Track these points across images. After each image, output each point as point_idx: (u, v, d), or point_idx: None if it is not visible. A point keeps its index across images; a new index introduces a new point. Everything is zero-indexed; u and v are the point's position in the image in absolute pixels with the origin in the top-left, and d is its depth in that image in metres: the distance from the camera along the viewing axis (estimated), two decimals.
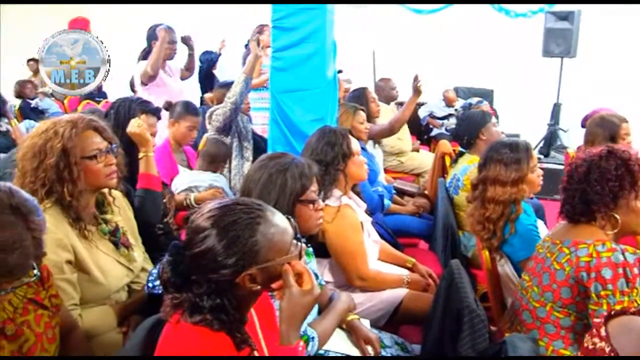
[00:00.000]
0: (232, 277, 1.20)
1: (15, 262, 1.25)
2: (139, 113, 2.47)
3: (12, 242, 1.24)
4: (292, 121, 3.00)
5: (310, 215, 1.86)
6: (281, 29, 2.96)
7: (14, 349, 1.42)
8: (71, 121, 1.84)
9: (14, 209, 1.27)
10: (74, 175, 1.78)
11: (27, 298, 1.50)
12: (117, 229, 1.99)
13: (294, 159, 1.87)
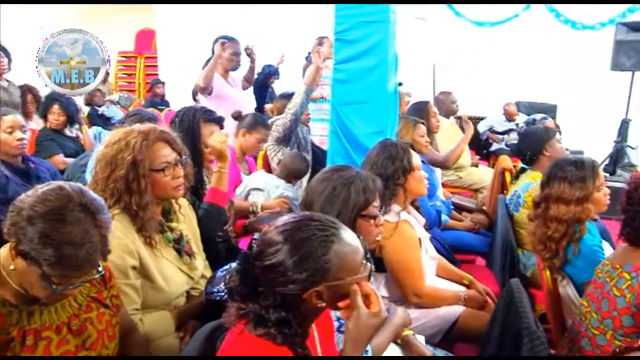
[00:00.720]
0: (299, 293, 1.19)
1: (84, 257, 1.29)
2: (202, 122, 2.51)
3: (81, 238, 1.29)
4: (352, 133, 3.01)
5: (370, 231, 1.85)
6: (344, 41, 2.98)
7: (78, 343, 1.48)
8: (143, 132, 1.86)
9: (84, 207, 1.32)
10: (141, 187, 1.81)
11: (91, 296, 1.57)
12: (181, 237, 2.01)
13: (358, 173, 1.87)
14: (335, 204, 1.80)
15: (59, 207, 1.29)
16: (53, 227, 1.27)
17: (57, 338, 1.44)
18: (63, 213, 1.29)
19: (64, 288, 1.34)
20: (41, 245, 1.26)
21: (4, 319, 1.36)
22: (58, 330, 1.45)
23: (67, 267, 1.29)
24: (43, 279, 1.31)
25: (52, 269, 1.29)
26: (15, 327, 1.38)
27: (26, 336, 1.39)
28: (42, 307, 1.44)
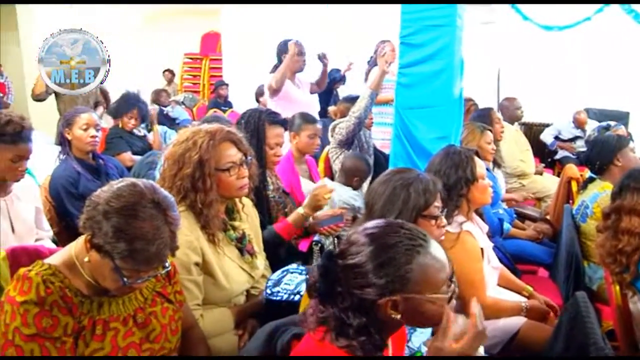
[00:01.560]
0: (375, 298, 1.18)
1: (154, 252, 1.34)
2: (267, 124, 2.55)
3: (153, 234, 1.33)
4: (415, 138, 2.99)
5: (431, 231, 1.83)
6: (409, 45, 2.97)
7: (142, 335, 1.52)
8: (210, 132, 1.91)
9: (155, 204, 1.36)
10: (207, 186, 1.85)
11: (156, 291, 1.61)
12: (243, 236, 2.05)
13: (419, 175, 1.87)
14: (395, 204, 1.80)
15: (132, 203, 1.34)
16: (127, 222, 1.32)
17: (123, 329, 1.49)
18: (136, 209, 1.34)
19: (134, 281, 1.39)
20: (115, 239, 1.32)
21: (76, 308, 1.41)
22: (124, 322, 1.50)
23: (138, 261, 1.35)
24: (115, 272, 1.36)
25: (123, 263, 1.34)
26: (87, 316, 1.43)
27: (96, 325, 1.44)
28: (111, 298, 1.49)
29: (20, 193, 2.54)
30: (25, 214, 2.55)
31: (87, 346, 1.42)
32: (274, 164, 2.60)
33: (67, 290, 1.40)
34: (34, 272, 1.39)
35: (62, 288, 1.39)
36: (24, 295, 1.34)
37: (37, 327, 1.33)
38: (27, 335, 1.32)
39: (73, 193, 2.93)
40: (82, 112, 3.09)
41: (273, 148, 2.55)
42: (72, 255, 1.46)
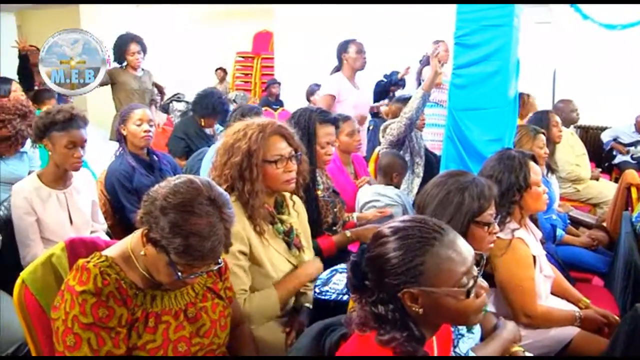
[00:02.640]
0: (393, 290, 1.19)
1: (209, 248, 1.35)
2: (318, 123, 2.56)
3: (208, 230, 1.34)
4: (468, 140, 2.94)
5: (483, 238, 1.80)
6: (464, 45, 2.92)
7: (192, 330, 1.55)
8: (261, 125, 1.96)
9: (211, 201, 1.38)
10: (253, 176, 1.89)
11: (207, 287, 1.63)
12: (291, 230, 2.07)
13: (474, 179, 1.83)
14: (448, 208, 1.77)
15: (189, 199, 1.36)
16: (183, 218, 1.34)
17: (174, 323, 1.52)
18: (193, 205, 1.35)
19: (187, 276, 1.41)
20: (171, 235, 1.33)
21: (131, 300, 1.44)
22: (176, 316, 1.52)
23: (193, 257, 1.36)
24: (169, 266, 1.38)
25: (178, 258, 1.36)
26: (140, 308, 1.46)
27: (148, 318, 1.47)
28: (164, 292, 1.52)
29: (79, 186, 2.64)
30: (82, 206, 2.64)
31: (139, 337, 1.45)
32: (325, 163, 2.60)
33: (123, 283, 1.44)
34: (92, 263, 1.43)
35: (117, 280, 1.42)
36: (82, 285, 1.38)
37: (94, 316, 1.36)
38: (85, 324, 1.36)
39: (127, 187, 3.01)
40: (136, 109, 3.18)
41: (324, 147, 2.55)
42: (128, 249, 1.50)
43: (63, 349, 1.38)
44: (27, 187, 2.49)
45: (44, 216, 2.48)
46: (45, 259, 1.85)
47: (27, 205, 2.44)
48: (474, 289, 1.20)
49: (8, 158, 3.10)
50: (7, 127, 2.93)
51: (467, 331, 1.79)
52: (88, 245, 2.00)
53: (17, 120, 2.95)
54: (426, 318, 1.22)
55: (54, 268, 1.86)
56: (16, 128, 2.95)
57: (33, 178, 2.53)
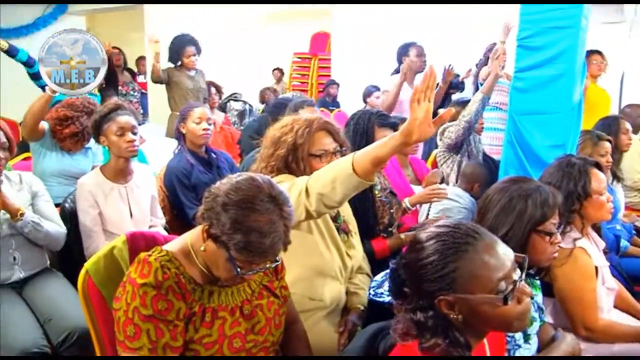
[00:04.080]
0: (430, 297, 1.17)
1: (269, 245, 1.36)
2: (377, 126, 2.55)
3: (268, 227, 1.35)
4: (529, 145, 2.86)
5: (544, 248, 1.74)
6: (527, 48, 2.84)
7: (247, 327, 1.56)
8: (308, 120, 2.01)
9: (272, 198, 1.39)
10: (300, 168, 1.96)
11: (263, 284, 1.65)
12: (338, 215, 2.13)
13: (539, 187, 1.77)
14: (509, 215, 1.72)
15: (250, 196, 1.38)
16: (244, 214, 1.36)
17: (230, 319, 1.54)
18: (254, 202, 1.37)
19: (246, 272, 1.43)
20: (232, 231, 1.35)
21: (189, 294, 1.47)
22: (232, 312, 1.54)
23: (253, 253, 1.38)
24: (229, 262, 1.40)
25: (238, 254, 1.38)
26: (198, 303, 1.49)
27: (205, 313, 1.50)
28: (221, 288, 1.54)
29: (139, 181, 2.73)
30: (142, 201, 2.73)
31: (196, 331, 1.48)
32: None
33: (182, 277, 1.47)
34: (154, 257, 1.47)
35: (177, 275, 1.46)
36: (143, 278, 1.42)
37: (154, 308, 1.40)
38: (145, 316, 1.39)
39: (185, 184, 3.09)
40: (196, 107, 3.27)
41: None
42: (188, 244, 1.52)
43: (123, 338, 1.42)
44: (90, 181, 2.59)
45: (106, 209, 2.58)
46: (108, 251, 1.91)
47: (91, 199, 2.54)
48: (512, 294, 1.15)
49: (75, 153, 3.24)
50: (75, 123, 3.08)
51: (524, 341, 1.74)
52: (148, 239, 2.06)
53: (84, 117, 3.08)
54: (467, 325, 1.19)
55: (115, 260, 1.93)
56: (83, 125, 3.08)
57: (96, 172, 2.64)
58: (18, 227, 2.24)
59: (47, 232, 2.30)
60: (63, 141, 3.13)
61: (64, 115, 3.06)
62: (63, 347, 2.13)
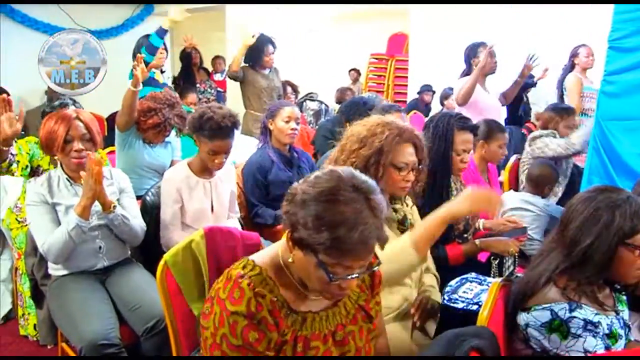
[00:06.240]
0: None
1: (358, 239, 1.21)
2: (456, 130, 2.49)
3: (354, 218, 1.22)
4: (616, 152, 2.72)
5: (632, 262, 1.63)
6: (619, 49, 2.71)
7: (337, 354, 1.45)
8: (400, 128, 1.95)
9: (355, 188, 1.26)
10: (378, 173, 1.90)
11: (359, 304, 1.52)
12: (405, 218, 2.07)
13: (629, 197, 1.66)
14: (594, 226, 1.62)
15: (330, 188, 1.26)
16: (326, 208, 1.23)
17: (323, 348, 1.42)
18: (335, 193, 1.24)
19: (341, 277, 1.28)
20: (315, 229, 1.22)
21: (282, 322, 1.36)
22: (325, 340, 1.43)
23: (341, 251, 1.23)
24: (319, 268, 1.26)
25: (327, 256, 1.24)
26: (290, 329, 1.37)
27: (297, 342, 1.38)
28: (315, 314, 1.43)
29: (222, 176, 2.79)
30: (224, 196, 2.79)
31: None
32: (460, 170, 2.54)
33: (276, 302, 1.35)
34: (246, 280, 1.34)
35: (271, 302, 1.34)
36: (235, 305, 1.31)
37: (244, 339, 1.30)
38: (234, 345, 1.30)
39: (258, 180, 3.15)
40: (286, 105, 3.32)
41: (460, 154, 2.49)
42: (279, 256, 1.42)
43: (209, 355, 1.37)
44: (177, 176, 2.67)
45: (189, 204, 2.65)
46: (186, 244, 1.98)
47: (176, 193, 2.62)
48: None
49: (155, 145, 3.34)
50: (158, 115, 3.17)
51: None
52: (225, 234, 2.11)
53: (166, 109, 3.18)
54: None
55: (193, 253, 1.99)
56: (165, 116, 3.18)
57: (184, 166, 2.72)
58: (108, 220, 2.35)
59: (132, 226, 2.40)
60: (146, 132, 3.23)
61: (147, 107, 3.16)
62: (150, 334, 2.20)
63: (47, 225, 2.27)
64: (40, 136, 2.34)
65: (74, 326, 2.16)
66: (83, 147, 2.32)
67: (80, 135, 2.33)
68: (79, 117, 2.35)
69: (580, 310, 1.56)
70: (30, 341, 3.03)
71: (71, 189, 2.36)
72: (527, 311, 1.63)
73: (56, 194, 2.33)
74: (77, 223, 2.21)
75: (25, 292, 2.95)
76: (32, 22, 7.04)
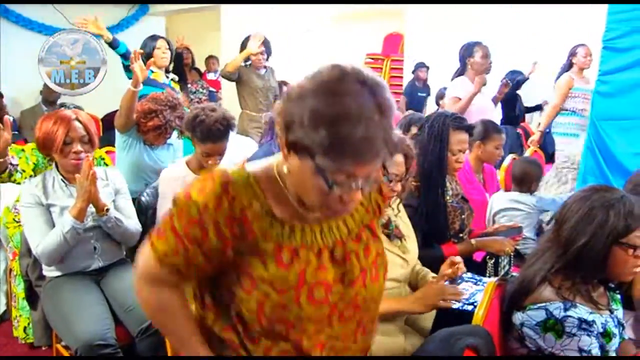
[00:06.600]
0: None
1: (362, 136, 1.03)
2: (452, 129, 2.49)
3: (357, 110, 1.04)
4: (611, 152, 2.74)
5: (626, 262, 1.64)
6: (613, 49, 2.72)
7: (336, 275, 1.23)
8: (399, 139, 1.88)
9: (362, 82, 1.08)
10: None
11: (364, 224, 1.32)
12: (389, 222, 2.05)
13: (623, 196, 1.67)
14: (589, 226, 1.62)
15: (331, 80, 1.08)
16: (325, 101, 1.05)
17: (315, 262, 1.20)
18: (336, 85, 1.07)
19: (342, 186, 1.09)
20: (312, 127, 1.04)
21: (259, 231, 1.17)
22: (319, 254, 1.21)
23: (342, 150, 1.04)
24: (317, 175, 1.08)
25: (325, 158, 1.05)
26: (274, 241, 1.18)
27: (282, 250, 1.18)
28: (306, 225, 1.21)
29: None
30: None
31: (266, 269, 1.17)
32: (455, 170, 2.54)
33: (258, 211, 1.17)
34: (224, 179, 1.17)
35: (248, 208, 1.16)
36: (199, 194, 1.17)
37: (184, 230, 1.16)
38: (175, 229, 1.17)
39: None
40: None
41: (455, 154, 2.49)
42: (274, 166, 1.23)
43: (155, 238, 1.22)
44: (176, 174, 2.67)
45: None
46: None
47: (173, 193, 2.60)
48: None
49: (156, 148, 3.29)
50: (159, 116, 3.10)
51: None
52: None
53: (168, 111, 3.11)
54: None
55: None
56: (166, 118, 3.11)
57: (182, 165, 2.71)
58: (102, 222, 2.34)
59: (126, 228, 2.39)
60: (146, 134, 3.18)
61: (148, 108, 3.10)
62: (144, 335, 2.20)
63: (41, 228, 2.26)
64: (37, 136, 2.33)
65: (69, 327, 2.16)
66: (82, 148, 2.32)
67: (80, 137, 2.32)
68: (78, 119, 2.34)
69: (574, 310, 1.57)
70: None
71: (66, 189, 2.35)
72: (522, 310, 1.64)
73: (51, 195, 2.33)
74: (72, 225, 2.20)
75: (18, 293, 2.94)
76: (27, 22, 7.02)
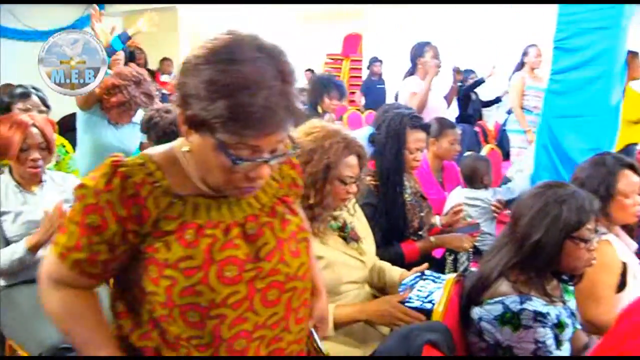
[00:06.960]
0: None
1: (262, 106, 0.97)
2: (409, 128, 2.50)
3: (256, 80, 0.98)
4: (563, 148, 2.81)
5: (579, 255, 1.69)
6: (564, 49, 2.79)
7: (249, 251, 1.12)
8: (347, 140, 1.86)
9: (260, 48, 1.02)
10: (325, 189, 1.82)
11: (278, 197, 1.23)
12: (345, 225, 2.01)
13: (575, 192, 1.72)
14: (543, 221, 1.66)
15: (227, 47, 1.01)
16: (221, 70, 0.98)
17: (223, 239, 1.10)
18: (234, 52, 1.00)
19: (247, 160, 1.03)
20: (209, 99, 0.98)
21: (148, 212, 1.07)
22: (226, 231, 1.11)
23: (242, 121, 0.98)
24: (219, 150, 1.01)
25: (226, 132, 0.99)
26: (176, 221, 1.08)
27: (186, 229, 1.08)
28: (212, 201, 1.12)
29: None
30: None
31: (169, 250, 1.07)
32: (412, 168, 2.55)
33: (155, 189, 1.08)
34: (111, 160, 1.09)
35: (138, 184, 1.07)
36: (91, 180, 1.08)
37: (82, 219, 1.07)
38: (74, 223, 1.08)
39: None
40: None
41: (413, 152, 2.50)
42: (174, 147, 1.16)
43: None
44: None
45: None
46: None
47: None
48: None
49: (121, 126, 3.18)
50: (123, 92, 3.00)
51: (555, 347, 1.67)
52: None
53: (132, 87, 3.02)
54: None
55: None
56: (131, 94, 3.01)
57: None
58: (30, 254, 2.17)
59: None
60: (110, 111, 3.07)
61: (111, 83, 3.00)
62: None
63: None
64: None
65: (30, 333, 2.08)
66: (40, 155, 2.25)
67: (37, 144, 2.25)
68: (35, 124, 2.27)
69: (530, 302, 1.60)
70: None
71: (20, 196, 2.27)
72: (480, 305, 1.67)
73: (3, 202, 2.24)
74: (24, 255, 2.13)
75: None
76: None
